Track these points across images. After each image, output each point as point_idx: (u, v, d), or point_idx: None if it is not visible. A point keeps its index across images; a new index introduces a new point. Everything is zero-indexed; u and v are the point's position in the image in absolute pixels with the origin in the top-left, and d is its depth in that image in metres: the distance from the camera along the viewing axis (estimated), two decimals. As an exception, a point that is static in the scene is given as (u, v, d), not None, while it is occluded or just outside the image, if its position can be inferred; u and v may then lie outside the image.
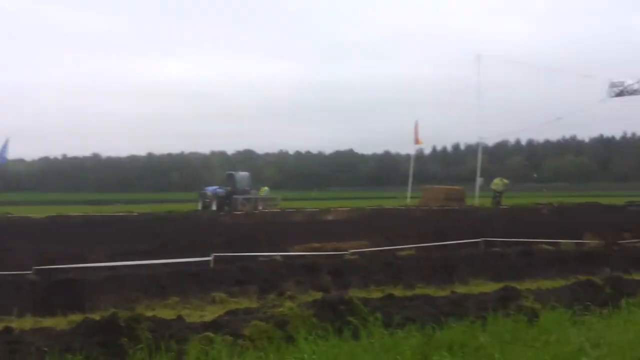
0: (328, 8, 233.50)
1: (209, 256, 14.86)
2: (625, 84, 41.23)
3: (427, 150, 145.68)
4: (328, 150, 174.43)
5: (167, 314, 10.23)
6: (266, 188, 49.50)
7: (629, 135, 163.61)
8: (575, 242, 19.36)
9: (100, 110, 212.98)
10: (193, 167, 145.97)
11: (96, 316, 9.17)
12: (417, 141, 53.58)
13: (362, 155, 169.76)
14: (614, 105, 45.31)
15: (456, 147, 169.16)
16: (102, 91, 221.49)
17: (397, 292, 11.98)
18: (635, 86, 40.68)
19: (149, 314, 9.10)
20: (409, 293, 11.31)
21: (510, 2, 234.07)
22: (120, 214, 37.69)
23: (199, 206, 46.62)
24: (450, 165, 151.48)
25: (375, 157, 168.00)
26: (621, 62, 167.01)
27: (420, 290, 12.47)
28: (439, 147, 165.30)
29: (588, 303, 9.66)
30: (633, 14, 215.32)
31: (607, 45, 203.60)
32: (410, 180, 55.71)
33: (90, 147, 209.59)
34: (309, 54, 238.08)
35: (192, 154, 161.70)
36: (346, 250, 17.28)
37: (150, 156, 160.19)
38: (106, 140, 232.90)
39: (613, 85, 41.75)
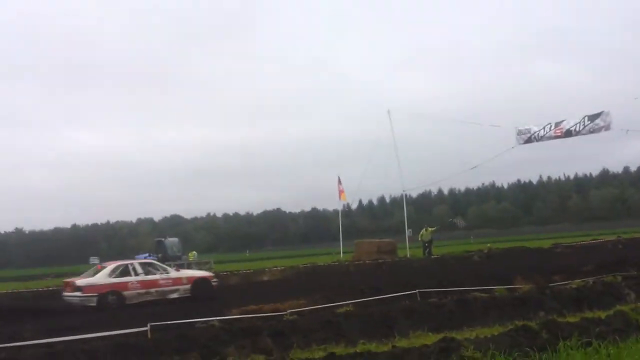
0: (243, 68, 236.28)
1: (145, 326, 14.56)
2: (532, 131, 42.71)
3: (354, 205, 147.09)
4: (256, 210, 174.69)
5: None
6: (194, 252, 49.03)
7: (545, 178, 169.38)
8: (508, 288, 19.71)
9: (18, 184, 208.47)
10: (120, 236, 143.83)
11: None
12: (341, 196, 54.02)
13: (291, 214, 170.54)
14: (526, 150, 46.84)
15: (382, 200, 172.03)
16: (17, 164, 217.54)
17: (339, 350, 11.95)
18: (541, 132, 42.15)
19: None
20: (351, 350, 11.28)
21: (414, 56, 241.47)
22: (51, 288, 36.65)
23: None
24: (378, 218, 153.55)
25: (303, 215, 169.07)
26: (528, 107, 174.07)
27: (362, 346, 12.44)
28: (365, 201, 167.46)
29: (527, 349, 9.83)
30: (533, 62, 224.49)
31: (512, 92, 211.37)
32: (341, 235, 55.98)
33: (11, 222, 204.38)
34: (226, 116, 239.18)
35: (118, 222, 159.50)
36: (285, 311, 17.19)
37: (75, 227, 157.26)
38: (28, 214, 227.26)
39: (520, 132, 43.22)
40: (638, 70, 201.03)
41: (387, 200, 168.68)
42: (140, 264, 25.77)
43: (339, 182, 53.60)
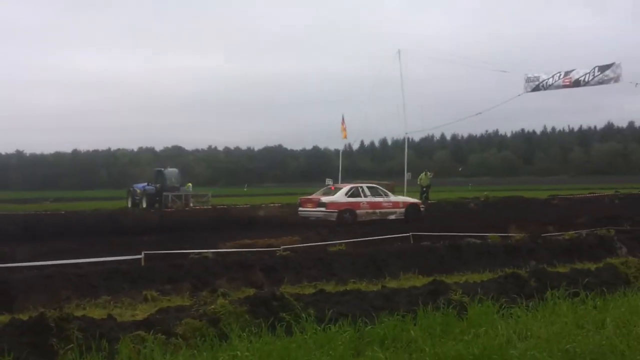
0: (253, 1, 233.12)
1: (139, 254, 14.70)
2: (540, 79, 42.26)
3: (356, 146, 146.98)
4: (257, 146, 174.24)
5: (98, 313, 10.09)
6: (190, 184, 48.94)
7: (549, 129, 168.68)
8: (501, 235, 19.83)
9: (21, 105, 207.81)
10: (120, 164, 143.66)
11: (24, 316, 8.99)
12: (343, 135, 53.79)
13: (292, 151, 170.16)
14: (532, 99, 46.68)
15: (383, 142, 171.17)
16: (22, 85, 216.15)
17: (330, 287, 12.08)
18: (550, 81, 41.71)
19: (79, 313, 8.95)
20: (341, 288, 11.38)
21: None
22: (48, 212, 36.87)
23: (129, 204, 45.91)
24: (378, 160, 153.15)
25: (304, 153, 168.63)
26: (538, 58, 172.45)
27: (352, 285, 12.57)
28: (367, 143, 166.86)
29: (515, 296, 9.93)
30: (544, 10, 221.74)
31: (524, 41, 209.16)
32: (340, 175, 56.01)
33: (12, 144, 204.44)
34: (234, 48, 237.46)
35: (119, 150, 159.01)
36: (278, 247, 17.34)
37: (75, 153, 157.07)
38: (29, 137, 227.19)
39: (529, 80, 42.72)
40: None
41: (389, 142, 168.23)
42: (368, 187, 29.70)
43: (343, 120, 53.34)
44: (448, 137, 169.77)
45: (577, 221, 25.52)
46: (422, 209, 30.35)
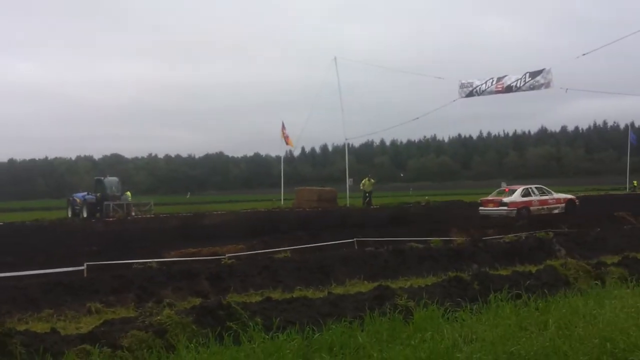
0: (189, 5, 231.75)
1: (81, 265, 14.46)
2: (474, 85, 43.11)
3: (297, 152, 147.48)
4: (198, 153, 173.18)
5: (41, 327, 9.87)
6: (128, 193, 48.22)
7: (485, 134, 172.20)
8: (443, 240, 20.11)
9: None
10: (59, 173, 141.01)
11: (-37, 332, 8.77)
12: (287, 142, 53.85)
13: (233, 158, 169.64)
14: (468, 105, 47.73)
15: (324, 148, 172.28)
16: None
17: (276, 295, 12.08)
18: (483, 87, 42.59)
19: (22, 327, 8.78)
20: (287, 296, 11.40)
21: (364, 3, 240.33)
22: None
23: (69, 213, 45.10)
24: (319, 166, 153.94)
25: (246, 159, 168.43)
26: (473, 62, 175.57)
27: (298, 292, 12.60)
28: (307, 149, 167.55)
29: (459, 299, 10.08)
30: (475, 17, 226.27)
31: (459, 49, 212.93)
32: (282, 182, 56.07)
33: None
34: (172, 56, 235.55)
35: (56, 159, 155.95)
36: (223, 255, 17.25)
37: (11, 162, 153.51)
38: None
39: (463, 86, 43.61)
40: (581, 29, 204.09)
41: (330, 148, 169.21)
42: (536, 187, 34.87)
43: (283, 127, 53.44)
44: (387, 143, 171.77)
45: (516, 224, 26.03)
46: (577, 203, 34.83)
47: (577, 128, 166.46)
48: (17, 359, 6.84)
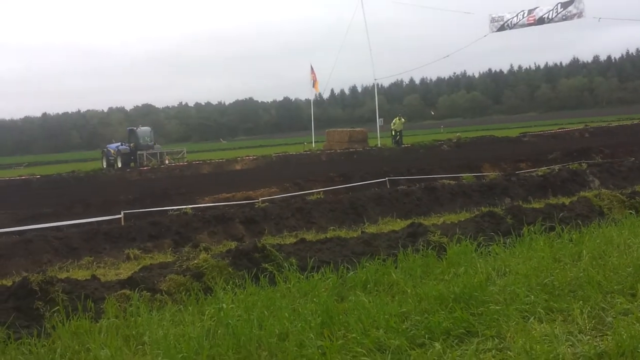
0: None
1: (118, 214, 14.70)
2: (505, 19, 42.32)
3: (326, 95, 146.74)
4: (228, 100, 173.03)
5: (81, 274, 10.13)
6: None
7: (515, 68, 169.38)
8: (475, 175, 20.04)
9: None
10: (92, 125, 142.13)
11: (8, 282, 9.03)
12: (315, 86, 53.58)
13: (263, 103, 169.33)
14: (497, 39, 46.92)
15: (353, 89, 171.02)
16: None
17: (310, 236, 12.19)
18: (514, 20, 41.81)
19: (63, 275, 9.01)
20: (321, 236, 11.52)
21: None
22: (23, 177, 36.55)
23: (103, 164, 45.68)
24: (349, 108, 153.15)
25: (275, 104, 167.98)
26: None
27: (332, 232, 12.72)
28: (337, 91, 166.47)
29: (492, 234, 10.10)
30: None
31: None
32: (313, 124, 55.98)
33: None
34: (199, 3, 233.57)
35: (89, 111, 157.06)
36: (257, 199, 17.39)
37: (45, 116, 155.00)
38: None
39: (493, 20, 42.86)
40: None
41: (359, 89, 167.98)
42: None
43: (312, 70, 53.12)
44: (417, 81, 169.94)
45: (549, 157, 25.81)
46: None
47: (609, 57, 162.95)
48: (59, 306, 7.00)
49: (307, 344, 5.73)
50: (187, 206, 15.68)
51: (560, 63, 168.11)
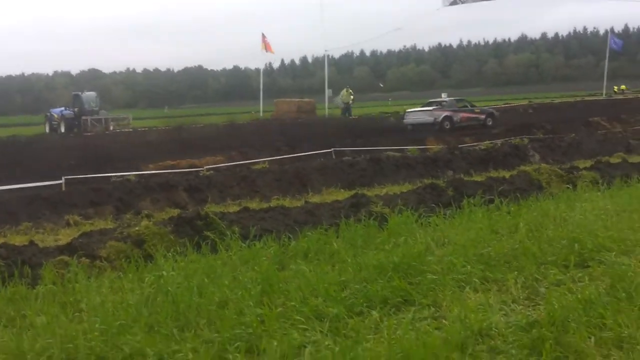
0: None
1: (60, 179, 14.46)
2: (458, -7, 42.55)
3: (276, 64, 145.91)
4: (177, 67, 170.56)
5: (20, 240, 9.95)
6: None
7: (465, 43, 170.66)
8: (420, 148, 20.24)
9: None
10: (36, 89, 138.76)
11: (-59, 247, 8.82)
12: (268, 49, 52.99)
13: (212, 71, 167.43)
14: (448, 13, 47.16)
15: (304, 59, 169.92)
16: None
17: (254, 205, 12.17)
18: (467, -5, 42.08)
19: (0, 241, 8.84)
20: (265, 205, 11.52)
21: None
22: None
23: (47, 129, 44.69)
24: (299, 78, 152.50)
25: (225, 73, 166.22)
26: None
27: (275, 202, 12.73)
28: (287, 61, 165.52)
29: (433, 205, 10.24)
30: None
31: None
32: (261, 94, 55.63)
33: None
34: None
35: (33, 74, 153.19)
36: (202, 167, 17.29)
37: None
38: None
39: (447, -6, 42.98)
40: None
41: (310, 60, 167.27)
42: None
43: (264, 37, 52.61)
44: (367, 53, 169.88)
45: (492, 131, 26.21)
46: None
47: (557, 35, 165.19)
48: (-5, 271, 6.90)
49: (246, 312, 5.76)
50: (131, 173, 15.51)
51: (509, 39, 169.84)
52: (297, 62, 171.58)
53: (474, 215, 9.38)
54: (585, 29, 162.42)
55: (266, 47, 52.41)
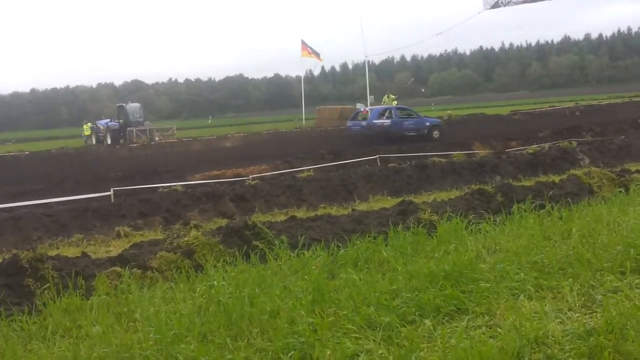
0: None
1: (108, 191, 14.65)
2: (499, -5, 42.16)
3: (317, 72, 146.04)
4: (218, 76, 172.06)
5: (72, 252, 10.10)
6: (89, 124, 47.52)
7: (507, 45, 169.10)
8: (466, 153, 20.07)
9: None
10: (81, 101, 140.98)
11: (-3, 259, 8.99)
12: (313, 56, 52.97)
13: (253, 80, 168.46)
14: (490, 16, 46.74)
15: (344, 66, 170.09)
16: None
17: (301, 213, 12.21)
18: (508, -3, 41.67)
19: (53, 253, 8.98)
20: (312, 214, 11.52)
21: None
22: (12, 153, 36.31)
23: (93, 141, 45.41)
24: (340, 85, 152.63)
25: (266, 81, 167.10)
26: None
27: (322, 210, 12.73)
28: (327, 68, 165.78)
29: (482, 211, 10.12)
30: None
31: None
32: (303, 101, 55.78)
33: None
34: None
35: (78, 87, 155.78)
36: (247, 176, 17.37)
37: (34, 92, 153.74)
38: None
39: (487, -3, 42.62)
40: None
41: (350, 66, 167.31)
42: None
43: (304, 46, 52.68)
44: (408, 59, 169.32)
45: (539, 135, 25.87)
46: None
47: (601, 35, 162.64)
48: (50, 283, 7.00)
49: (298, 321, 5.74)
50: (178, 183, 15.65)
51: (552, 41, 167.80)
52: (338, 68, 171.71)
53: (525, 221, 9.22)
54: (629, 29, 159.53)
55: (309, 54, 52.44)
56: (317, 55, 51.96)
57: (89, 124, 46.86)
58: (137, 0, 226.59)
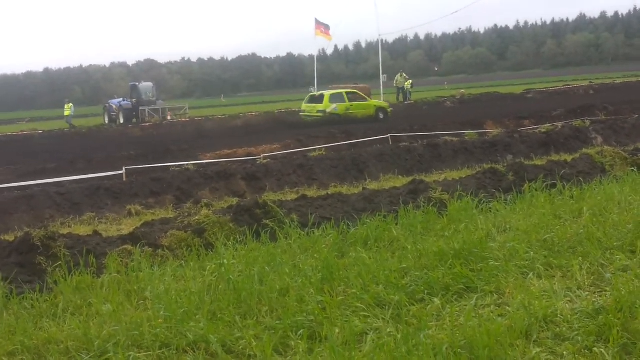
0: None
1: (120, 170, 14.70)
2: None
3: (330, 50, 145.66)
4: (231, 55, 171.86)
5: (83, 230, 10.17)
6: (71, 104, 46.93)
7: (521, 24, 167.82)
8: (478, 132, 19.97)
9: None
10: (94, 80, 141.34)
11: (10, 237, 9.06)
12: (325, 35, 52.71)
13: (266, 59, 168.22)
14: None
15: (357, 45, 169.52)
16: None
17: (312, 192, 12.21)
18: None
19: (65, 231, 9.03)
20: (322, 193, 11.53)
21: None
22: (25, 132, 36.52)
23: (105, 120, 45.50)
24: (353, 64, 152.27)
25: (279, 60, 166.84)
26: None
27: (333, 189, 12.72)
28: (340, 47, 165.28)
29: (493, 190, 10.09)
30: None
31: None
32: (316, 80, 55.62)
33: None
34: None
35: (91, 66, 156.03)
36: (258, 155, 17.38)
37: (47, 71, 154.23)
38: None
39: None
40: None
41: (363, 45, 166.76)
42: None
43: (317, 24, 52.40)
44: (422, 37, 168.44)
45: (552, 114, 25.71)
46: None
47: (616, 13, 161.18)
48: (61, 261, 7.04)
49: (307, 300, 5.77)
50: (189, 162, 15.67)
51: (567, 19, 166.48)
52: (351, 47, 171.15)
53: (536, 200, 9.19)
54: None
55: (321, 33, 52.15)
56: (327, 31, 51.58)
57: (70, 104, 46.14)
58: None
